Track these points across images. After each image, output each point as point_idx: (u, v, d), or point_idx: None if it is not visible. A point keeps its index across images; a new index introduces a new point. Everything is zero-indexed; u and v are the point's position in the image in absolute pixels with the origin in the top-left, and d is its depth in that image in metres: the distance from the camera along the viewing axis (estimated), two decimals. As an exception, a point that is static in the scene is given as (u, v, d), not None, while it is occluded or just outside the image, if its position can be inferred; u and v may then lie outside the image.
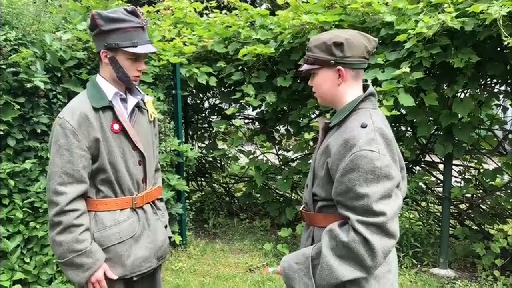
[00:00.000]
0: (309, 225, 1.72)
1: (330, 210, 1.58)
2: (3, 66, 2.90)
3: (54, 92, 3.22)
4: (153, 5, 4.97)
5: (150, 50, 1.85)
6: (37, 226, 3.09)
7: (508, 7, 3.01)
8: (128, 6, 1.88)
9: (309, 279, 1.53)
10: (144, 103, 2.04)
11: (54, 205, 1.76)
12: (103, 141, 1.83)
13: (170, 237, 2.19)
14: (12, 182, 2.98)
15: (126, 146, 1.90)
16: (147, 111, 2.05)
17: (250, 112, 5.52)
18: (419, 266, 4.11)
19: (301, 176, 4.93)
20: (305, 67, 1.65)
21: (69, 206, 1.76)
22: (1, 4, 3.02)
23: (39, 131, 3.12)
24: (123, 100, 1.95)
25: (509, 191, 4.02)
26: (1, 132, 2.90)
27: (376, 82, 3.69)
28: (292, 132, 4.92)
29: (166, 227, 2.13)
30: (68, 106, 1.85)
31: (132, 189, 1.94)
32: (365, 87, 1.65)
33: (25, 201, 3.06)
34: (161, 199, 2.18)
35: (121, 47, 1.80)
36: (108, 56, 1.84)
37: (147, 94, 2.54)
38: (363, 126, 1.48)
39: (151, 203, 2.05)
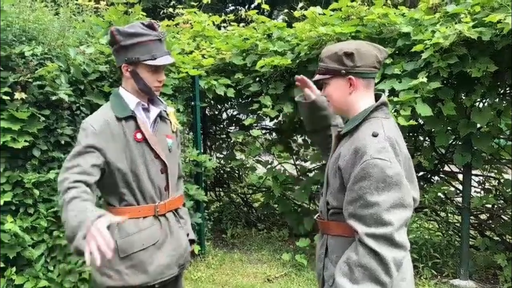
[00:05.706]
0: (323, 234, 1.74)
1: (342, 218, 1.56)
2: (30, 80, 3.01)
3: (77, 104, 3.31)
4: (173, 19, 5.08)
5: (169, 61, 1.91)
6: (61, 235, 3.15)
7: (526, 17, 3.01)
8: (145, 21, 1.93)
9: None
10: (167, 114, 2.09)
11: (64, 189, 1.72)
12: (126, 150, 1.88)
13: (193, 240, 2.18)
14: (37, 192, 3.06)
15: (149, 154, 1.94)
16: (170, 121, 2.10)
17: (267, 122, 5.56)
18: (439, 277, 4.06)
19: (318, 186, 4.93)
20: (317, 77, 1.69)
21: (73, 184, 1.71)
22: (27, 20, 3.13)
23: (63, 142, 3.21)
24: (146, 110, 2.00)
25: (530, 201, 3.97)
26: (27, 143, 3.00)
27: (393, 92, 3.70)
28: (309, 142, 4.94)
29: (188, 235, 2.14)
30: (92, 115, 1.94)
31: (155, 197, 1.97)
32: (377, 97, 1.67)
33: (49, 210, 3.13)
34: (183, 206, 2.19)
35: (141, 60, 1.86)
36: (129, 70, 1.90)
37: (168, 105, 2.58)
38: (374, 135, 1.50)
39: (173, 211, 2.07)
